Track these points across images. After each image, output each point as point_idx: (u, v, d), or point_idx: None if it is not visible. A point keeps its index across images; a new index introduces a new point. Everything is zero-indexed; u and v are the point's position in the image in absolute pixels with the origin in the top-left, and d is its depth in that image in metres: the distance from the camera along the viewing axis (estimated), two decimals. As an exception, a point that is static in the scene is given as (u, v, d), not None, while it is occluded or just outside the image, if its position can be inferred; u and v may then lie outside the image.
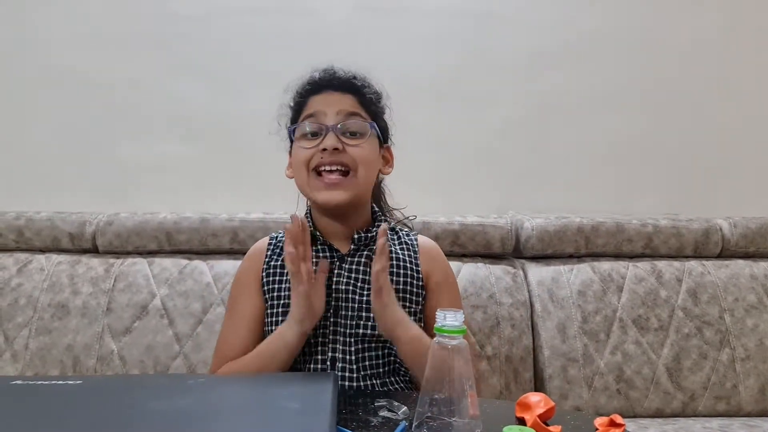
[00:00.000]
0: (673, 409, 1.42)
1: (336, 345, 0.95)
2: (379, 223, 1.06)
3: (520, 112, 1.77)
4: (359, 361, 0.95)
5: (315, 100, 1.02)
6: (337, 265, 1.00)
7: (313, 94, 1.03)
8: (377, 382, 0.96)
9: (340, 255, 1.01)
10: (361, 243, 1.02)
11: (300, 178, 1.01)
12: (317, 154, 0.97)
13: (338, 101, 1.00)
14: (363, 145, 0.99)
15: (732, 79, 1.80)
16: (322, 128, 0.98)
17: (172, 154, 1.73)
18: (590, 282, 1.50)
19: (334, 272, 0.99)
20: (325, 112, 0.99)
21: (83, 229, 1.54)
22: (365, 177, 1.00)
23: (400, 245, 1.07)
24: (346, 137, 0.98)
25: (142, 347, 1.40)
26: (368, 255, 1.01)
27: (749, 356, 1.45)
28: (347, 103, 1.01)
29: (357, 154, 0.98)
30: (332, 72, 1.05)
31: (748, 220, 1.60)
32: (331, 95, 1.02)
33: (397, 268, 1.02)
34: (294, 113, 1.06)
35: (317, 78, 1.04)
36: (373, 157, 1.02)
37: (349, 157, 0.98)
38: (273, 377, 0.84)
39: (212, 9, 1.74)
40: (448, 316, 0.69)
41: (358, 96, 1.03)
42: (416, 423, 0.69)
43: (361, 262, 1.00)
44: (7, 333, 1.42)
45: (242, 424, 0.61)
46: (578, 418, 0.76)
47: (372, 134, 1.02)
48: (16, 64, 1.73)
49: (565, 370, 1.42)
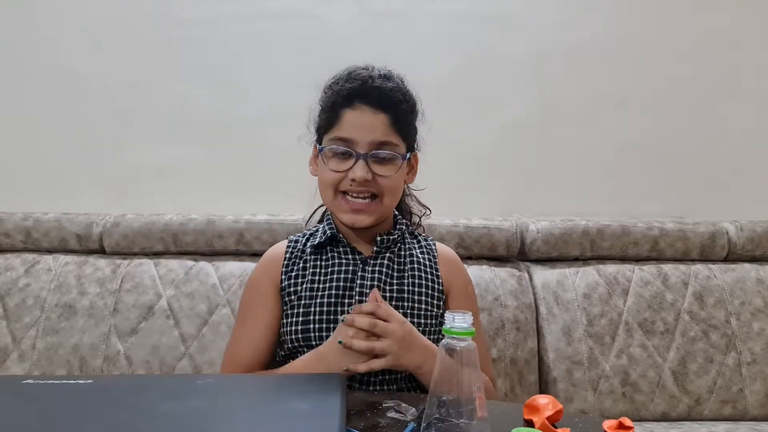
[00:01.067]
0: (678, 413, 1.42)
1: None
2: (400, 226, 1.07)
3: (526, 115, 1.78)
4: None
5: (348, 118, 0.98)
6: (360, 267, 1.01)
7: (346, 107, 0.98)
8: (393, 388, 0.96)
9: (363, 258, 1.02)
10: (383, 246, 1.03)
11: (326, 196, 1.02)
12: (346, 180, 0.97)
13: (371, 125, 0.97)
14: (392, 175, 0.98)
15: (738, 81, 1.80)
16: (353, 153, 0.97)
17: (179, 156, 1.74)
18: (595, 285, 1.50)
19: (358, 275, 1.00)
20: (356, 140, 0.96)
21: (90, 230, 1.54)
22: (390, 203, 1.02)
23: (420, 249, 1.07)
24: (376, 164, 0.97)
25: (148, 348, 1.40)
26: (390, 257, 1.02)
27: (755, 360, 1.45)
28: (380, 129, 0.97)
29: (385, 184, 0.98)
30: (369, 81, 0.99)
31: (755, 223, 1.60)
32: (365, 114, 0.97)
33: (417, 271, 1.02)
34: (324, 121, 1.02)
35: (354, 89, 0.99)
36: (400, 184, 1.03)
37: (377, 187, 0.98)
38: (282, 378, 0.84)
39: (218, 13, 1.75)
40: (456, 318, 0.69)
41: (394, 114, 0.99)
42: (424, 425, 0.69)
43: (384, 264, 1.01)
44: (14, 333, 1.43)
45: (252, 425, 0.61)
46: (586, 420, 0.76)
47: (403, 164, 1.01)
48: (25, 67, 1.74)
49: (570, 373, 1.42)
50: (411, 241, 1.09)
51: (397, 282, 1.00)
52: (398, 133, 1.00)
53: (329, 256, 1.03)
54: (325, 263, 1.02)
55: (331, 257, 1.03)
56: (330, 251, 1.03)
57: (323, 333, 0.95)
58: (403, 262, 1.04)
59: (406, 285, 1.00)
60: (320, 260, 1.03)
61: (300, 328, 0.97)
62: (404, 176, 1.04)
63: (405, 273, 1.02)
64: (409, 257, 1.05)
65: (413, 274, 1.02)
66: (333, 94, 1.01)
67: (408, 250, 1.06)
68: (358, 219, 0.98)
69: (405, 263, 1.03)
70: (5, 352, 1.41)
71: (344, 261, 1.01)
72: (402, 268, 1.03)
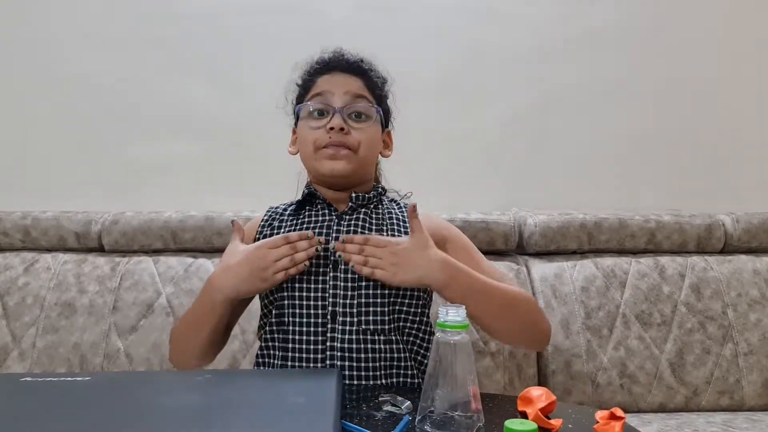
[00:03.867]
0: (676, 404, 1.43)
1: (336, 299, 0.95)
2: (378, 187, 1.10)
3: (523, 108, 1.78)
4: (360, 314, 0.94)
5: (323, 80, 1.05)
6: (335, 222, 1.02)
7: (322, 74, 1.06)
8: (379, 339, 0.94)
9: (338, 213, 1.04)
10: (359, 203, 1.05)
11: (306, 153, 1.05)
12: (324, 135, 1.01)
13: (346, 82, 1.04)
14: (367, 129, 1.04)
15: (735, 73, 1.80)
16: (329, 108, 1.02)
17: (177, 153, 1.74)
18: (593, 278, 1.50)
19: (333, 228, 1.01)
20: (332, 92, 1.02)
21: (89, 228, 1.55)
22: (366, 156, 1.05)
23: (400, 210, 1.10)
24: (351, 119, 1.03)
25: (149, 345, 1.41)
26: (367, 212, 1.05)
27: (752, 351, 1.45)
28: (354, 86, 1.04)
29: (361, 137, 1.02)
30: (341, 53, 1.09)
31: (751, 215, 1.60)
32: (338, 76, 1.05)
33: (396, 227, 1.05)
34: (301, 91, 1.10)
35: (326, 58, 1.08)
36: (375, 140, 1.07)
37: (353, 139, 1.02)
38: (278, 373, 0.85)
39: (216, 9, 1.75)
40: (450, 312, 0.70)
41: (365, 79, 1.06)
42: (419, 417, 0.70)
43: (359, 218, 1.03)
44: (14, 332, 1.44)
45: (248, 418, 0.62)
46: (579, 411, 0.76)
47: (376, 118, 1.06)
48: (22, 65, 1.74)
49: (568, 365, 1.43)
50: (390, 203, 1.11)
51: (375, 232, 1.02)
52: (372, 95, 1.06)
53: (306, 214, 1.06)
54: (300, 221, 1.04)
55: (307, 215, 1.05)
56: (307, 210, 1.06)
57: (296, 284, 0.96)
58: (381, 219, 1.05)
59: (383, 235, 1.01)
60: (297, 219, 1.05)
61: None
62: (379, 135, 1.08)
63: (383, 228, 1.03)
64: (388, 215, 1.07)
65: (392, 229, 1.04)
66: (308, 66, 1.10)
67: (387, 210, 1.08)
68: (336, 165, 1.01)
69: (383, 220, 1.05)
70: (5, 350, 1.42)
71: (320, 217, 1.04)
72: (380, 223, 1.04)
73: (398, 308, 0.98)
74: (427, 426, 0.68)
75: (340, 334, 0.94)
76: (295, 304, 0.96)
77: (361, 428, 0.66)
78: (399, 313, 0.98)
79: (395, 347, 0.96)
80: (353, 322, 0.94)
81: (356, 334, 0.94)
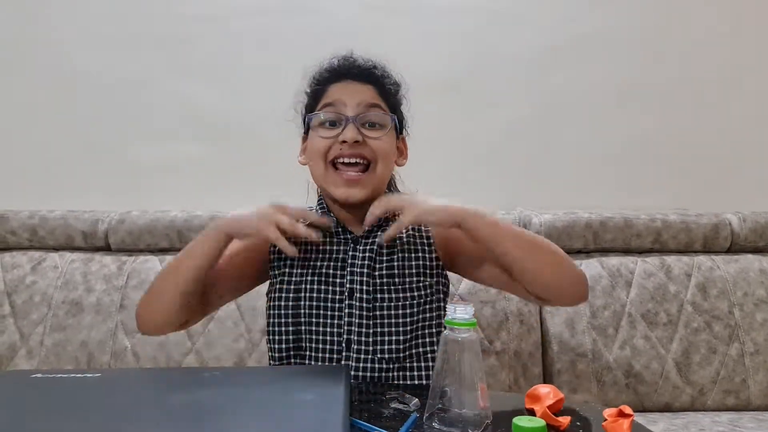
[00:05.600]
0: (682, 404, 1.42)
1: (351, 327, 0.94)
2: None
3: (529, 109, 1.78)
4: (375, 344, 0.94)
5: (334, 89, 0.99)
6: (351, 246, 0.99)
7: (332, 82, 1.00)
8: (394, 367, 0.94)
9: (355, 237, 1.00)
10: (375, 225, 1.00)
11: (317, 170, 0.99)
12: (336, 146, 0.95)
13: (358, 91, 0.98)
14: (383, 138, 0.97)
15: (739, 74, 1.79)
16: (342, 118, 0.96)
17: (183, 153, 1.75)
18: (599, 277, 1.50)
19: (349, 254, 0.99)
20: (344, 102, 0.97)
21: (96, 228, 1.56)
22: (383, 171, 0.99)
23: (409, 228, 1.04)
24: (365, 129, 0.97)
25: (155, 343, 1.42)
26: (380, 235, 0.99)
27: (758, 350, 1.45)
28: (368, 94, 0.98)
29: (377, 147, 0.96)
30: (352, 60, 1.02)
31: (758, 214, 1.60)
32: (350, 84, 0.99)
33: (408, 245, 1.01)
34: (311, 100, 1.03)
35: (336, 65, 1.02)
36: (392, 150, 1.01)
37: (369, 150, 0.96)
38: (287, 370, 0.86)
39: (221, 10, 1.76)
40: (458, 309, 0.70)
41: (378, 86, 1.00)
42: (427, 414, 0.70)
43: (375, 242, 0.99)
44: (22, 330, 1.44)
45: (257, 415, 0.62)
46: (587, 409, 0.76)
47: (391, 127, 1.00)
48: (29, 65, 1.75)
49: (573, 365, 1.43)
50: None
51: (387, 259, 0.99)
52: (386, 102, 1.01)
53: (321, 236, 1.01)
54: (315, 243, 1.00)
55: (322, 237, 1.01)
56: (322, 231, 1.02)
57: (313, 311, 0.95)
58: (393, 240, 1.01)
59: (396, 261, 0.99)
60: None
61: (291, 304, 0.96)
62: (395, 144, 1.02)
63: (395, 249, 1.00)
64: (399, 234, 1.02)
65: (403, 248, 1.00)
66: (317, 74, 1.03)
67: None
68: (351, 192, 0.96)
69: (395, 240, 1.01)
70: (13, 349, 1.43)
71: (335, 241, 1.00)
72: (392, 244, 1.00)
73: (416, 334, 0.96)
74: (435, 423, 0.68)
75: (355, 362, 0.93)
76: (311, 330, 0.95)
77: (369, 425, 0.67)
78: (416, 339, 0.96)
79: (408, 374, 0.95)
80: (368, 351, 0.93)
81: (371, 363, 0.93)
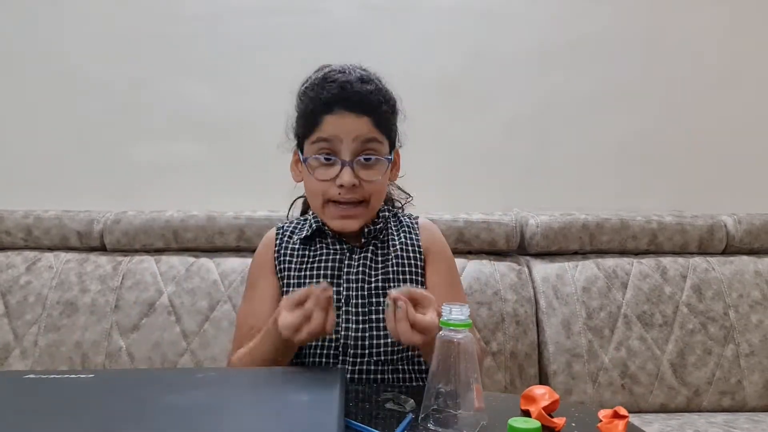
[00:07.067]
0: (677, 405, 1.43)
1: (348, 332, 0.96)
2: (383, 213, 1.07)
3: (525, 110, 1.78)
4: (371, 347, 0.95)
5: (329, 121, 0.96)
6: (347, 256, 1.02)
7: (327, 113, 0.96)
8: (388, 368, 0.97)
9: (351, 247, 1.03)
10: (371, 236, 1.04)
11: (313, 203, 1.02)
12: (333, 188, 0.96)
13: (354, 126, 0.95)
14: (378, 178, 0.98)
15: (736, 76, 1.80)
16: (337, 161, 0.95)
17: (179, 153, 1.74)
18: (595, 278, 1.50)
19: (345, 263, 1.01)
20: (340, 138, 0.95)
21: (91, 228, 1.55)
22: (377, 205, 1.02)
23: (402, 229, 1.08)
24: (361, 167, 0.96)
25: (150, 344, 1.41)
26: (375, 244, 1.04)
27: (753, 352, 1.45)
28: (364, 128, 0.96)
29: (372, 189, 0.98)
30: (348, 88, 0.96)
31: (753, 216, 1.60)
32: (346, 117, 0.95)
33: (401, 251, 1.04)
34: (304, 127, 1.00)
35: (331, 96, 0.96)
36: (385, 184, 1.03)
37: (364, 192, 0.98)
38: (282, 371, 0.85)
39: (219, 9, 1.76)
40: (453, 310, 0.70)
41: (374, 116, 0.97)
42: (422, 415, 0.70)
43: (369, 250, 1.03)
44: (16, 330, 1.44)
45: (252, 417, 0.62)
46: (582, 410, 0.76)
47: (388, 166, 1.00)
48: (24, 64, 1.74)
49: (569, 365, 1.43)
50: (395, 224, 1.09)
51: (382, 269, 1.01)
52: (382, 132, 0.99)
53: (317, 246, 1.04)
54: (312, 253, 1.04)
55: (319, 248, 1.04)
56: (318, 242, 1.05)
57: None
58: (387, 249, 1.04)
59: (390, 270, 1.01)
60: (308, 250, 1.04)
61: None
62: (388, 175, 1.03)
63: (389, 257, 1.03)
64: (391, 242, 1.05)
65: (397, 255, 1.03)
66: (310, 101, 0.99)
67: (391, 235, 1.07)
68: (347, 224, 0.99)
69: (389, 250, 1.04)
70: (7, 349, 1.42)
71: (331, 251, 1.03)
72: (386, 252, 1.03)
73: None
74: (430, 424, 0.68)
75: (351, 365, 0.95)
76: None
77: (365, 426, 0.66)
78: None
79: (401, 376, 0.98)
80: (363, 354, 0.95)
81: (366, 365, 0.96)
